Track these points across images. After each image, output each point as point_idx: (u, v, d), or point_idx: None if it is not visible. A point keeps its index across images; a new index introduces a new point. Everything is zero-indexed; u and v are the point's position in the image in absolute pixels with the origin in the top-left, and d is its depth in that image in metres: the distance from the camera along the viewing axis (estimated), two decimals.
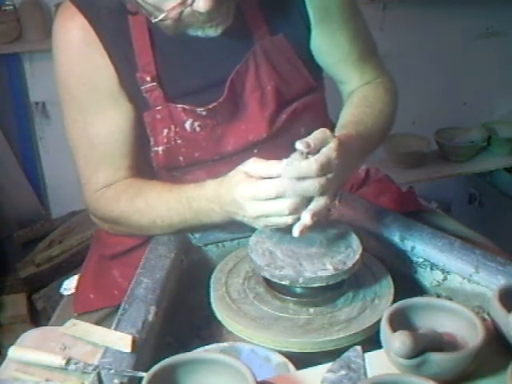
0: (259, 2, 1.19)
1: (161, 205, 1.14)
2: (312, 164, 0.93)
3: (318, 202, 0.96)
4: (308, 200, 0.96)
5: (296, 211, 0.96)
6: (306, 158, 0.94)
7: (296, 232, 0.97)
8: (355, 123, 1.15)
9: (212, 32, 1.09)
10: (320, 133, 0.97)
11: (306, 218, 0.96)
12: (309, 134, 0.98)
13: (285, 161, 0.96)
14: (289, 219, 0.97)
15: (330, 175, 0.95)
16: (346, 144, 1.01)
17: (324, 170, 0.94)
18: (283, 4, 1.20)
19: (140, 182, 1.20)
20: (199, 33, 1.09)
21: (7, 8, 2.47)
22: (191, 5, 1.01)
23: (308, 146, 0.94)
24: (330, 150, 0.95)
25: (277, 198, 0.96)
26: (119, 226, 1.22)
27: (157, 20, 1.05)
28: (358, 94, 1.27)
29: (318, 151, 0.95)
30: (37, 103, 2.63)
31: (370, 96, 1.26)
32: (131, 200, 1.17)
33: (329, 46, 1.25)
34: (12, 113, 2.65)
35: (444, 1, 2.87)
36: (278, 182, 0.95)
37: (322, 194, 0.95)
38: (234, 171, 1.02)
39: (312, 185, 0.94)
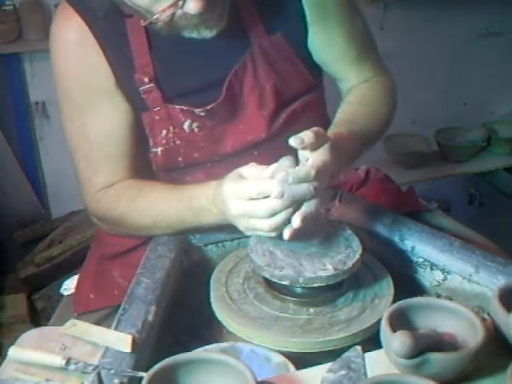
0: (256, 2, 1.18)
1: (161, 205, 1.14)
2: (310, 169, 0.93)
3: (309, 205, 0.95)
4: (298, 204, 0.95)
5: (274, 216, 0.95)
6: (299, 163, 0.94)
7: (286, 235, 0.96)
8: (348, 122, 1.15)
9: (207, 33, 1.08)
10: (314, 130, 0.96)
11: (296, 221, 0.95)
12: None
13: (274, 165, 0.96)
14: (265, 224, 0.95)
15: (322, 178, 0.95)
16: (338, 144, 1.01)
17: (320, 174, 0.94)
18: (280, 3, 1.20)
19: (140, 183, 1.20)
20: (194, 34, 1.09)
21: (7, 8, 2.47)
22: (182, 7, 1.01)
23: (302, 142, 0.94)
24: (324, 154, 0.96)
25: (258, 198, 0.95)
26: (119, 227, 1.22)
27: (147, 23, 1.04)
28: (354, 93, 1.27)
29: (311, 146, 0.95)
30: (37, 103, 2.63)
31: (366, 95, 1.26)
32: (131, 201, 1.17)
33: (325, 43, 1.24)
34: (12, 113, 2.65)
35: (444, 1, 2.87)
36: (261, 183, 0.95)
37: (313, 197, 0.95)
38: (232, 173, 1.02)
39: (307, 189, 0.94)
